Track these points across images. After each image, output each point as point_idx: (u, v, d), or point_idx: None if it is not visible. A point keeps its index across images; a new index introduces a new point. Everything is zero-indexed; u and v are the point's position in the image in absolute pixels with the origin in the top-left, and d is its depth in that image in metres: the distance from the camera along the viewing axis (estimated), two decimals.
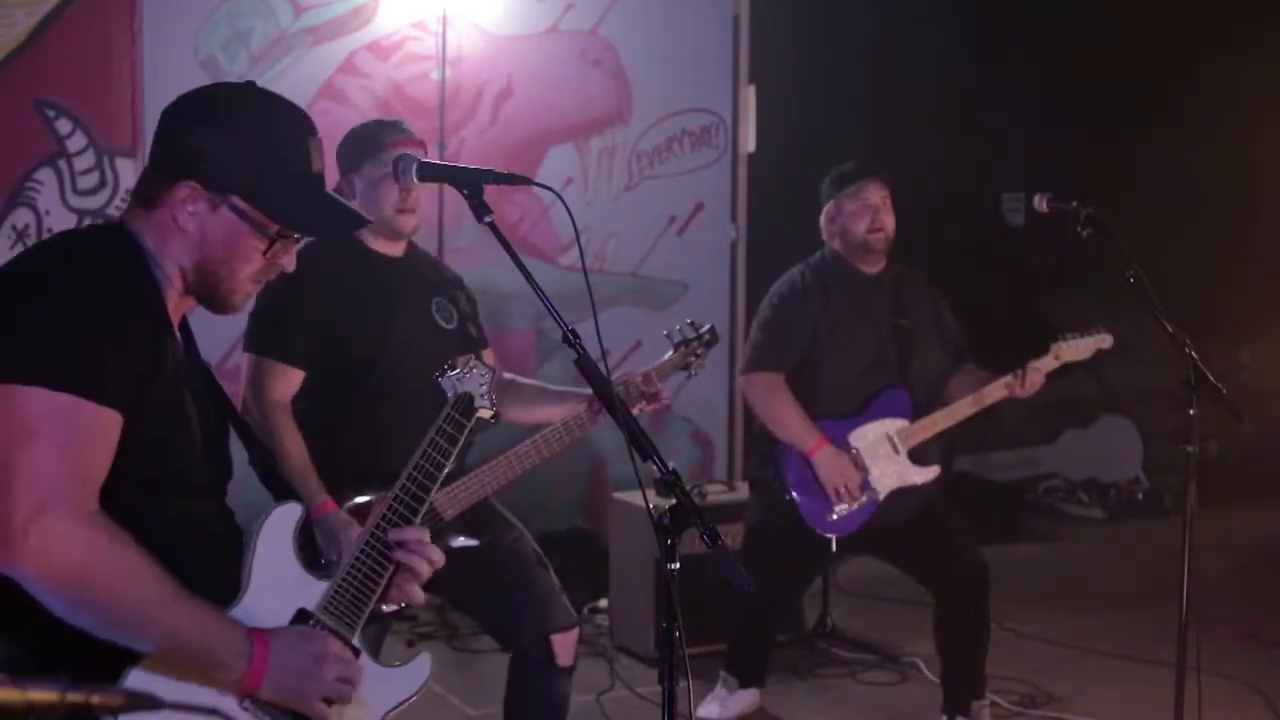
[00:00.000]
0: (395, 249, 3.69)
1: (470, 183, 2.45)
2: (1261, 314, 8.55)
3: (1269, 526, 7.57)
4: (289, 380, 3.53)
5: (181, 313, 2.24)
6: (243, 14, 5.94)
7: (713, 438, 7.09)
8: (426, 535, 2.33)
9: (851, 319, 4.54)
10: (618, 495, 5.71)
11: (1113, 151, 8.54)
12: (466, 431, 2.41)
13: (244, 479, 2.35)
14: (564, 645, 3.65)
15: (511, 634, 3.70)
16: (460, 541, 3.59)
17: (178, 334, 2.21)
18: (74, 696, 1.25)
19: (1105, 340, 4.47)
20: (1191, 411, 3.67)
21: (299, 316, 3.54)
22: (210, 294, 2.20)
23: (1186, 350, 3.69)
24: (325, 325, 3.53)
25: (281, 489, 2.35)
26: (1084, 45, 8.67)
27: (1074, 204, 3.84)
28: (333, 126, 6.09)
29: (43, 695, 1.25)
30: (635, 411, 3.67)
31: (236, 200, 2.14)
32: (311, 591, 2.24)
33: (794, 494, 4.47)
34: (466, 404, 2.43)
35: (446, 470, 2.38)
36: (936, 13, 8.12)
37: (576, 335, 2.38)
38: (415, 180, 2.52)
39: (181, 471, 2.15)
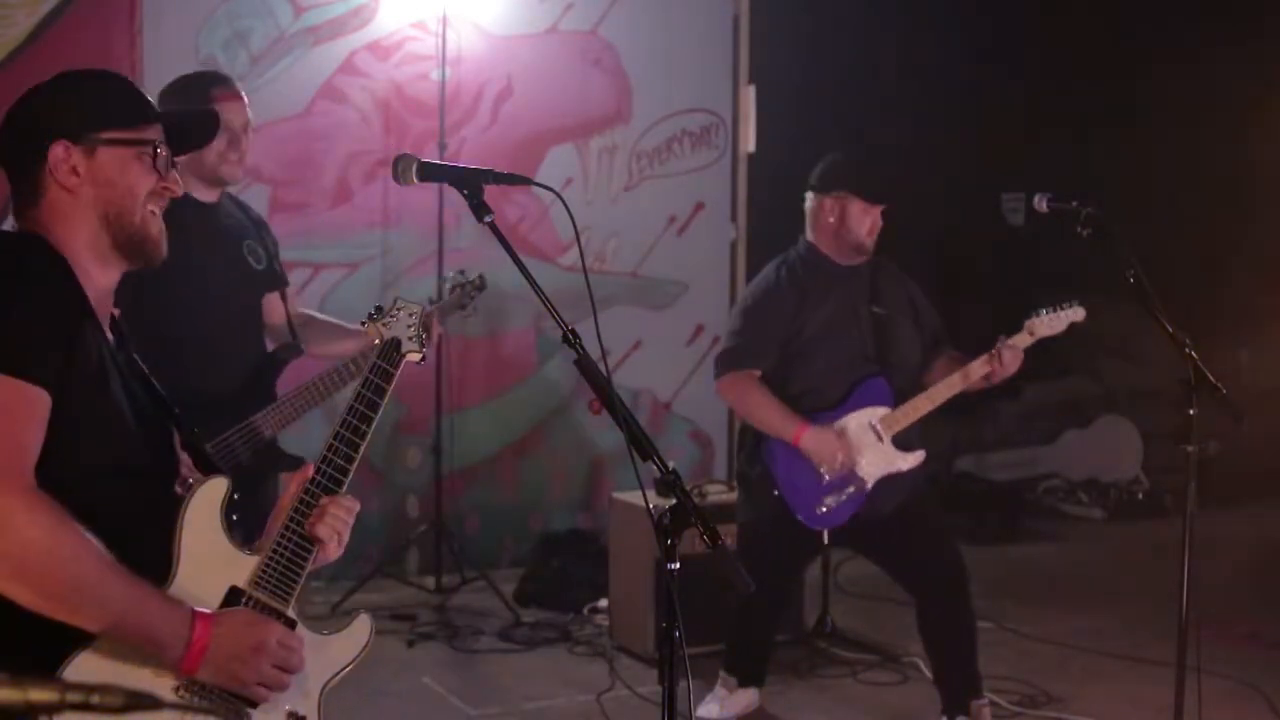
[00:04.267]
0: (211, 195, 3.83)
1: (470, 183, 2.45)
2: (1261, 315, 8.54)
3: (1269, 526, 7.57)
4: None
5: (107, 309, 2.27)
6: (243, 14, 5.94)
7: (713, 438, 7.09)
8: (352, 504, 2.35)
9: (829, 312, 4.54)
10: (618, 495, 5.70)
11: (1113, 151, 8.54)
12: (395, 377, 2.40)
13: None
14: None
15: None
16: (286, 469, 3.80)
17: (107, 330, 2.24)
18: (74, 696, 1.25)
19: (1078, 313, 4.46)
20: (1191, 411, 3.67)
21: None
22: (127, 238, 2.24)
23: (1186, 350, 3.69)
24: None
25: (207, 465, 2.35)
26: (1084, 45, 8.67)
27: (1074, 204, 3.83)
28: (333, 127, 6.17)
29: (42, 695, 1.25)
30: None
31: (105, 134, 2.22)
32: (241, 567, 2.24)
33: (782, 489, 4.48)
34: (393, 349, 2.41)
35: (376, 420, 2.36)
36: (936, 12, 8.12)
37: (576, 335, 2.38)
38: (415, 180, 2.51)
39: (116, 454, 2.17)
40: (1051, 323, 4.45)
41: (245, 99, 3.86)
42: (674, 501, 2.24)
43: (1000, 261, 8.64)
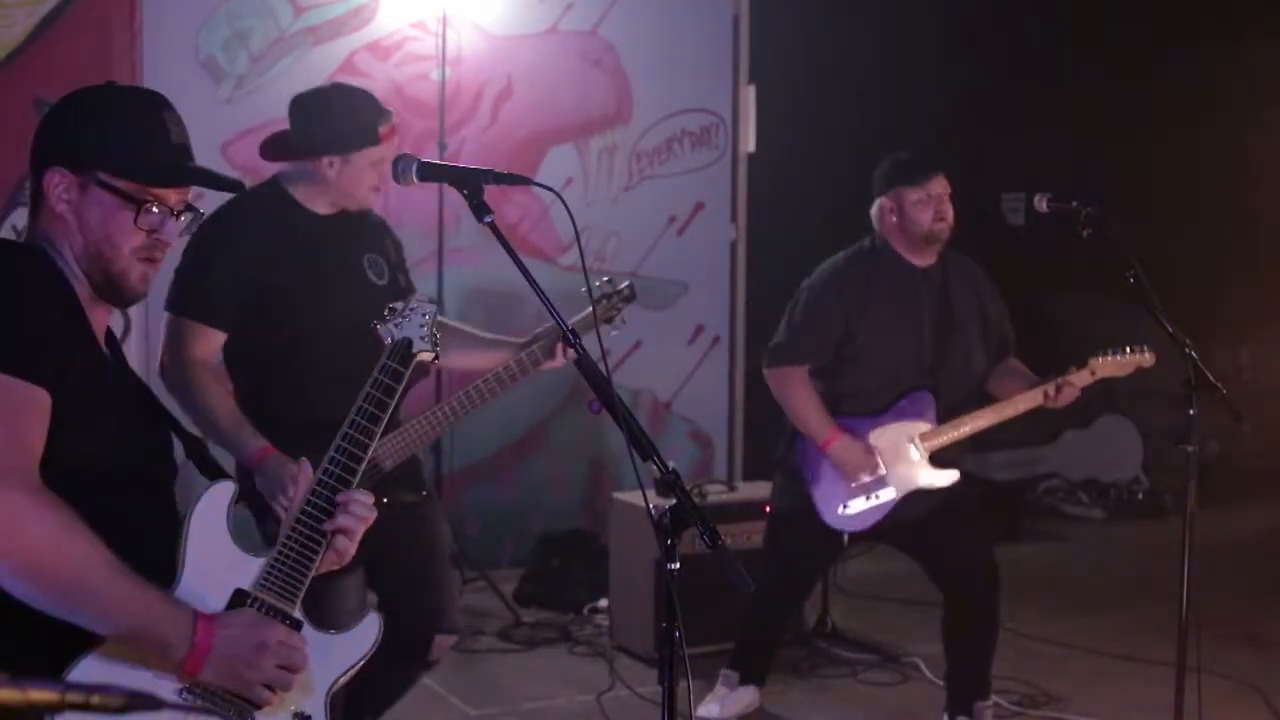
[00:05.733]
0: (328, 207, 3.64)
1: (470, 183, 2.45)
2: (1260, 315, 8.55)
3: (1269, 526, 7.57)
4: (208, 340, 3.50)
5: (102, 321, 2.27)
6: (243, 14, 5.93)
7: (713, 438, 7.09)
8: (370, 499, 2.32)
9: (894, 315, 4.47)
10: (618, 495, 5.70)
11: (1113, 151, 8.54)
12: (406, 378, 2.38)
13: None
14: (442, 646, 3.71)
15: (402, 615, 3.68)
16: (404, 502, 3.61)
17: (101, 342, 2.24)
18: (74, 696, 1.25)
19: (1146, 359, 4.38)
20: (1191, 411, 3.67)
21: (221, 276, 3.49)
22: (106, 279, 2.22)
23: (1186, 350, 3.69)
24: (251, 284, 3.47)
25: (214, 472, 2.35)
26: (1084, 45, 8.67)
27: (1074, 204, 3.83)
28: None
29: (43, 695, 1.25)
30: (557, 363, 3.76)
31: (101, 175, 2.20)
32: (247, 569, 2.24)
33: (809, 486, 4.47)
34: (404, 349, 2.39)
35: (385, 420, 2.35)
36: (936, 12, 8.13)
37: (576, 335, 2.38)
38: (415, 180, 2.52)
39: (112, 457, 2.18)
40: (1117, 365, 4.38)
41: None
42: (674, 501, 2.24)
43: (1000, 262, 8.63)
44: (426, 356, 2.42)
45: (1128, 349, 4.39)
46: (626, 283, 3.98)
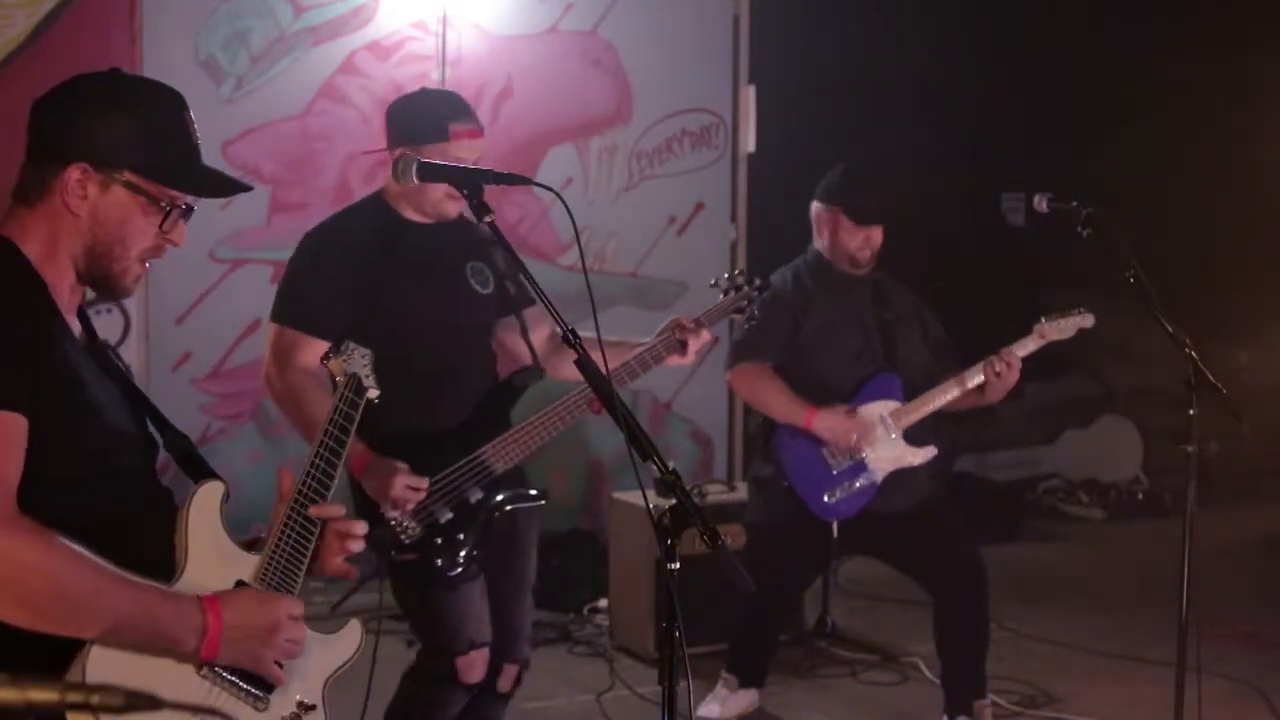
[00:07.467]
0: (428, 217, 3.59)
1: (470, 183, 2.45)
2: (1260, 315, 8.55)
3: (1269, 526, 7.57)
4: (313, 350, 3.43)
5: (76, 302, 2.23)
6: (243, 14, 5.93)
7: (713, 438, 7.09)
8: (340, 510, 2.38)
9: (837, 313, 4.60)
10: (618, 495, 5.70)
11: (1113, 151, 8.54)
12: (361, 410, 2.46)
13: (242, 482, 2.36)
14: (509, 675, 3.74)
15: None
16: (520, 504, 3.61)
17: (74, 323, 2.21)
18: (74, 696, 1.25)
19: (1086, 319, 4.50)
20: (1191, 411, 3.67)
21: (325, 286, 3.47)
22: (103, 277, 2.20)
23: (1186, 350, 3.70)
24: (355, 294, 3.45)
25: (200, 470, 2.35)
26: (1084, 44, 8.67)
27: (1074, 204, 3.85)
28: (332, 126, 6.16)
29: (43, 695, 1.25)
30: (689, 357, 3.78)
31: (128, 176, 2.16)
32: (245, 564, 2.28)
33: (791, 479, 4.49)
34: (357, 384, 2.49)
35: (347, 449, 2.42)
36: (936, 12, 8.12)
37: (576, 335, 2.38)
38: (415, 180, 2.52)
39: (98, 459, 2.16)
40: (1060, 328, 4.49)
41: (483, 131, 3.58)
42: (674, 501, 2.24)
43: (1000, 262, 8.64)
44: (373, 394, 2.50)
45: (1068, 312, 4.50)
46: (759, 279, 4.01)
